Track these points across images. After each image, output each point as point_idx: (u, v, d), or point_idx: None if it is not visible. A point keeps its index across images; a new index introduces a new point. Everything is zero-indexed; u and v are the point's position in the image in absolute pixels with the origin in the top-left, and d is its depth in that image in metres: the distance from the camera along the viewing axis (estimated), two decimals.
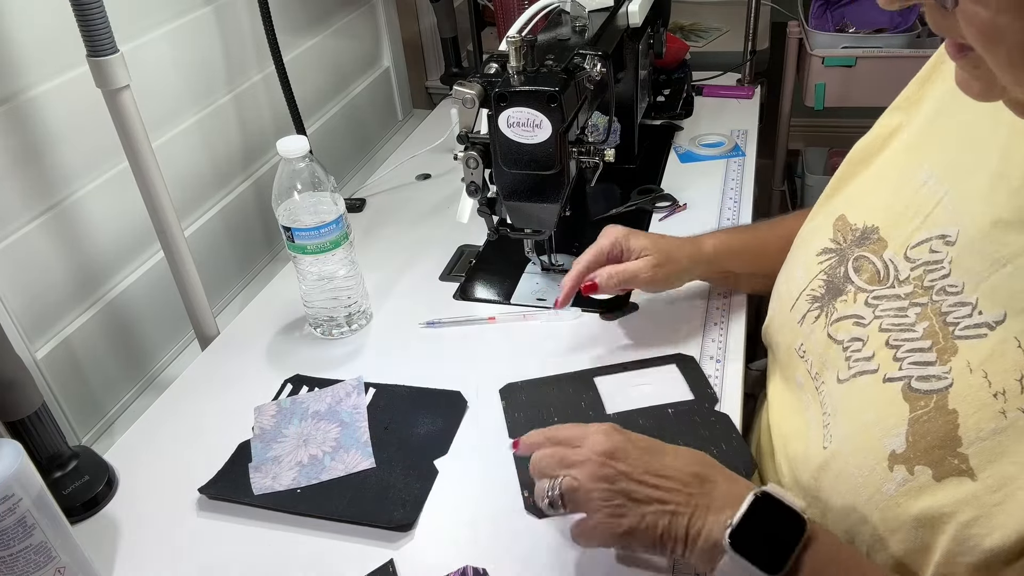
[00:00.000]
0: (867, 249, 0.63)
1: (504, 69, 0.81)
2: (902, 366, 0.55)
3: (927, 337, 0.54)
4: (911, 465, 0.51)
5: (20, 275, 0.78)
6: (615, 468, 0.55)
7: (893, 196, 0.62)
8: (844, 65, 1.41)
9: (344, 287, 0.88)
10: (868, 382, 0.57)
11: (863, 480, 0.54)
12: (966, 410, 0.49)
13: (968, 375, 0.50)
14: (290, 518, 0.69)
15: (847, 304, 0.62)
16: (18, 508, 0.56)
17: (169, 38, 0.94)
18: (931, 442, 0.50)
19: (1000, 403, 0.48)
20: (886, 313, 0.58)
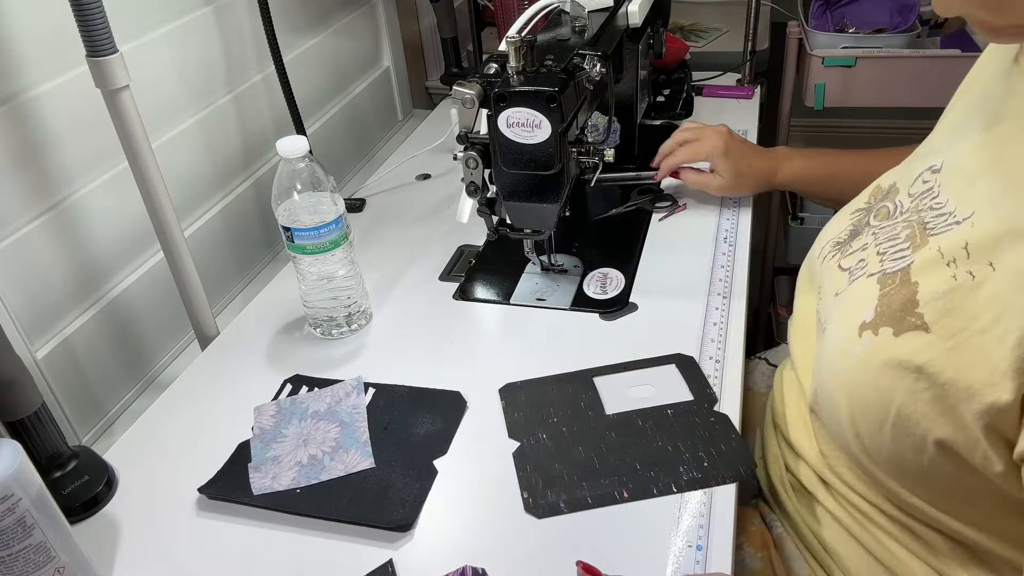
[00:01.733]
0: (887, 200, 0.71)
1: (504, 69, 0.81)
2: (883, 262, 0.63)
3: (907, 240, 0.62)
4: (876, 328, 0.59)
5: (20, 275, 0.78)
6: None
7: (913, 160, 0.72)
8: (844, 65, 1.40)
9: (344, 287, 0.88)
10: (857, 283, 0.65)
11: (839, 355, 0.62)
12: (924, 279, 0.57)
13: (927, 252, 0.58)
14: (290, 518, 0.69)
15: (860, 240, 0.70)
16: (18, 508, 0.56)
17: (169, 38, 0.94)
18: (894, 308, 0.58)
19: (952, 270, 0.55)
20: (883, 236, 0.66)
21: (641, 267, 0.97)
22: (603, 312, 0.90)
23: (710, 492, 0.67)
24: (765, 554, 0.75)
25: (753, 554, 0.75)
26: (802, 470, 0.73)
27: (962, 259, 0.55)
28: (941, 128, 0.73)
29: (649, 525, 0.65)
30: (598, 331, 0.88)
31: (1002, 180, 0.56)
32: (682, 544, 0.63)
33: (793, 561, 0.75)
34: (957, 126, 0.68)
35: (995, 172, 0.57)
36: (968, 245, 0.55)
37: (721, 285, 0.92)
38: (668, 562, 0.62)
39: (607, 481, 0.69)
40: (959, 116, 0.69)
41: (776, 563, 0.75)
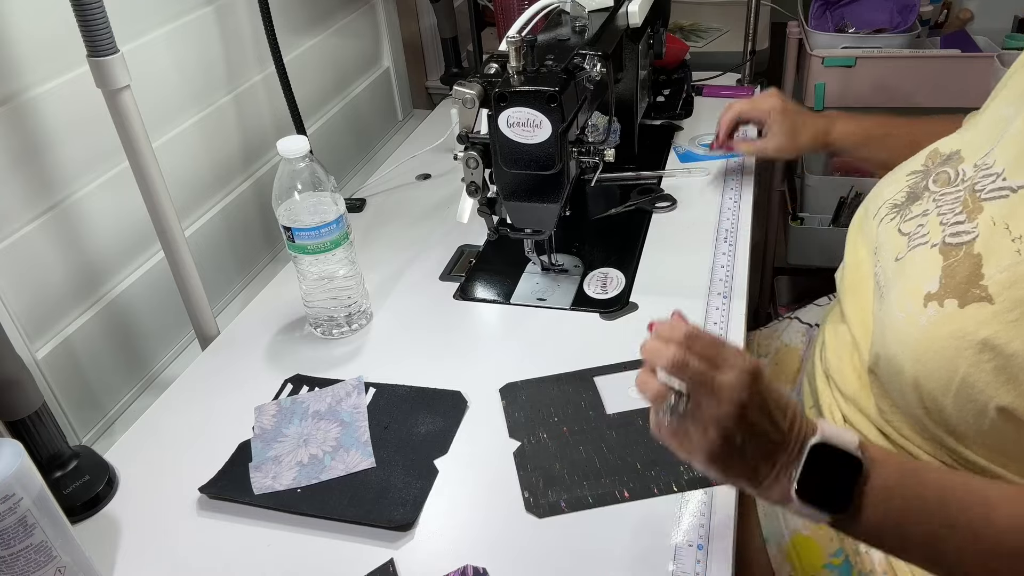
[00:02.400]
0: (948, 166, 0.71)
1: (504, 69, 0.81)
2: (944, 230, 0.64)
3: (962, 206, 0.64)
4: (941, 299, 0.60)
5: (20, 275, 0.78)
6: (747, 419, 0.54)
7: (980, 128, 0.73)
8: (844, 65, 1.41)
9: (344, 287, 0.88)
10: (919, 251, 0.66)
11: (904, 323, 0.63)
12: (988, 253, 0.59)
13: (992, 227, 0.60)
14: (290, 518, 0.69)
15: (920, 205, 0.70)
16: (19, 508, 0.56)
17: (169, 38, 0.94)
18: (959, 280, 0.59)
19: (1017, 245, 0.57)
20: (945, 204, 0.67)
21: (641, 267, 0.97)
22: (603, 312, 0.90)
23: (711, 491, 0.67)
24: None
25: None
26: (859, 421, 0.73)
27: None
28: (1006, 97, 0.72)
29: (650, 524, 0.65)
30: (598, 331, 0.88)
31: None
32: (683, 543, 0.63)
33: None
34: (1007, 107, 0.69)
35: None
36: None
37: (721, 285, 0.92)
38: (669, 562, 0.62)
39: (608, 481, 0.69)
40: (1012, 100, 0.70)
41: None
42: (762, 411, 0.55)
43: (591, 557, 0.63)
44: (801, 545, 0.75)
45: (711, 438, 0.55)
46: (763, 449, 0.55)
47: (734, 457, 0.55)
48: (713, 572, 0.61)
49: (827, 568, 0.73)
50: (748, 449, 0.55)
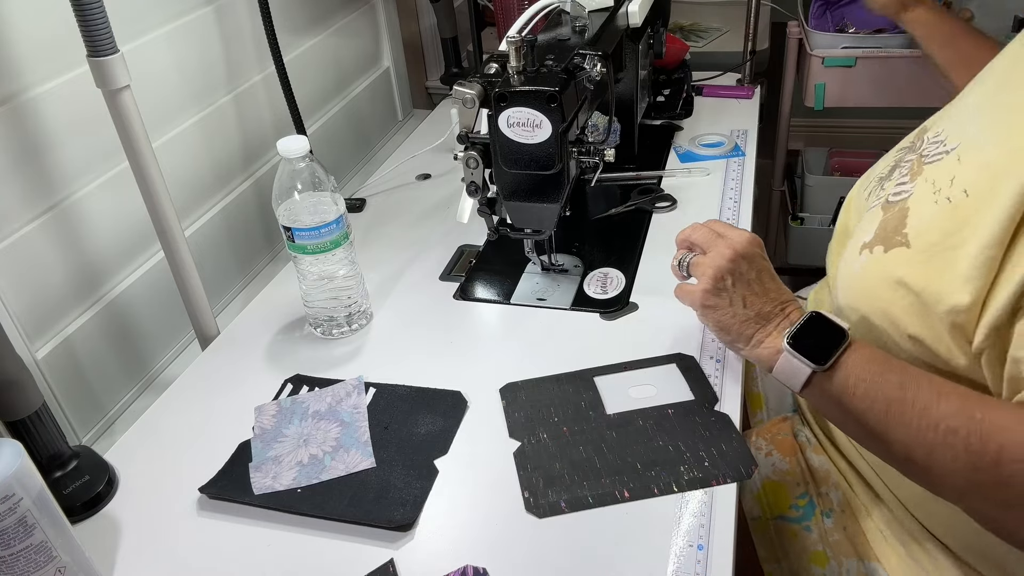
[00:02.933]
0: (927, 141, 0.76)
1: (504, 69, 0.81)
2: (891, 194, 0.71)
3: (909, 171, 0.71)
4: (871, 247, 0.68)
5: (20, 275, 0.78)
6: (740, 266, 0.71)
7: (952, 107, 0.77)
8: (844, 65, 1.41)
9: (344, 287, 0.88)
10: (871, 211, 0.72)
11: (844, 273, 0.72)
12: (914, 206, 0.66)
13: (923, 184, 0.67)
14: (290, 518, 0.69)
15: (894, 175, 0.75)
16: (19, 508, 0.56)
17: (169, 38, 0.94)
18: (888, 231, 0.67)
19: (936, 197, 0.64)
20: (904, 171, 0.72)
21: (641, 267, 0.97)
22: (603, 312, 0.90)
23: (711, 491, 0.67)
24: (793, 458, 0.83)
25: (781, 458, 0.83)
26: None
27: (946, 188, 0.63)
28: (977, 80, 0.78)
29: (650, 525, 0.65)
30: (598, 331, 0.88)
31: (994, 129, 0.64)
32: (683, 543, 0.63)
33: (815, 460, 0.83)
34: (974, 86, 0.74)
35: (985, 115, 0.66)
36: (955, 178, 0.63)
37: None
38: (669, 561, 0.62)
39: (608, 481, 0.69)
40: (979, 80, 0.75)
41: (802, 463, 0.83)
42: (751, 265, 0.72)
43: (591, 557, 0.63)
44: (770, 489, 0.82)
45: (706, 278, 0.71)
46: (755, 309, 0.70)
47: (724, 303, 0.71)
48: (713, 572, 0.61)
49: (793, 508, 0.80)
50: (737, 296, 0.71)
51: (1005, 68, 0.70)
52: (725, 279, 0.71)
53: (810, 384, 0.66)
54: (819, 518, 0.79)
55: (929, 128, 0.77)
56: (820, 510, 0.80)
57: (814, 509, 0.80)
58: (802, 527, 0.80)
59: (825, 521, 0.79)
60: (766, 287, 0.71)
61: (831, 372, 0.64)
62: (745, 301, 0.70)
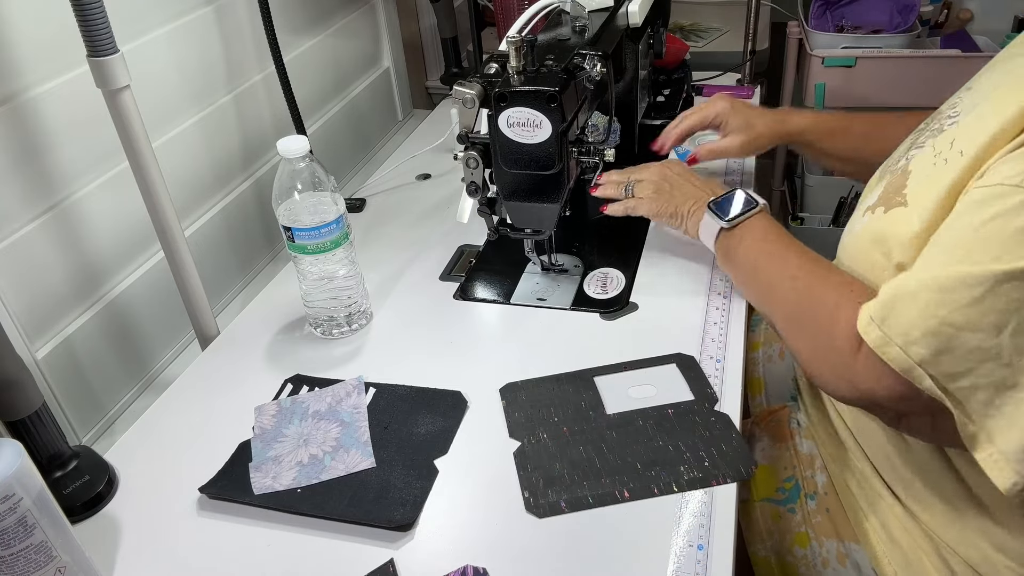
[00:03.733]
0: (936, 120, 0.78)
1: (504, 69, 0.81)
2: (898, 163, 0.74)
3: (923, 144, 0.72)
4: (874, 208, 0.72)
5: (20, 275, 0.78)
6: (669, 171, 0.93)
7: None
8: (844, 65, 1.41)
9: (344, 287, 0.88)
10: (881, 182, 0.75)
11: (847, 235, 0.76)
12: (916, 168, 0.69)
13: (926, 150, 0.70)
14: (290, 518, 0.69)
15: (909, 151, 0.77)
16: (19, 508, 0.56)
17: (169, 38, 0.94)
18: (890, 192, 0.70)
19: (934, 159, 0.67)
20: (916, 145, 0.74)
21: (641, 267, 0.97)
22: (603, 312, 0.90)
23: (711, 491, 0.67)
24: (783, 444, 0.86)
25: (771, 444, 0.87)
26: None
27: (945, 150, 0.66)
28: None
29: (650, 524, 0.65)
30: (598, 331, 0.88)
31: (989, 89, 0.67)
32: (683, 543, 0.63)
33: (804, 445, 0.86)
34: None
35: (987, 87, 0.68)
36: (954, 141, 0.65)
37: (721, 285, 0.92)
38: (669, 561, 0.62)
39: (608, 481, 0.69)
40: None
41: (791, 448, 0.86)
42: (680, 170, 0.94)
43: (591, 557, 0.63)
44: (759, 473, 0.85)
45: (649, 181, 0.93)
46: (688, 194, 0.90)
47: (665, 193, 0.91)
48: (713, 572, 0.61)
49: (779, 491, 0.83)
50: (676, 188, 0.91)
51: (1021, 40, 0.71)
52: (663, 184, 0.92)
53: (718, 238, 0.83)
54: (803, 500, 0.81)
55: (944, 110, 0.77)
56: (805, 492, 0.82)
57: (799, 492, 0.82)
58: (786, 509, 0.82)
59: (809, 503, 0.81)
60: (696, 183, 0.91)
61: (729, 232, 0.82)
62: (683, 192, 0.90)
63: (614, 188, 0.95)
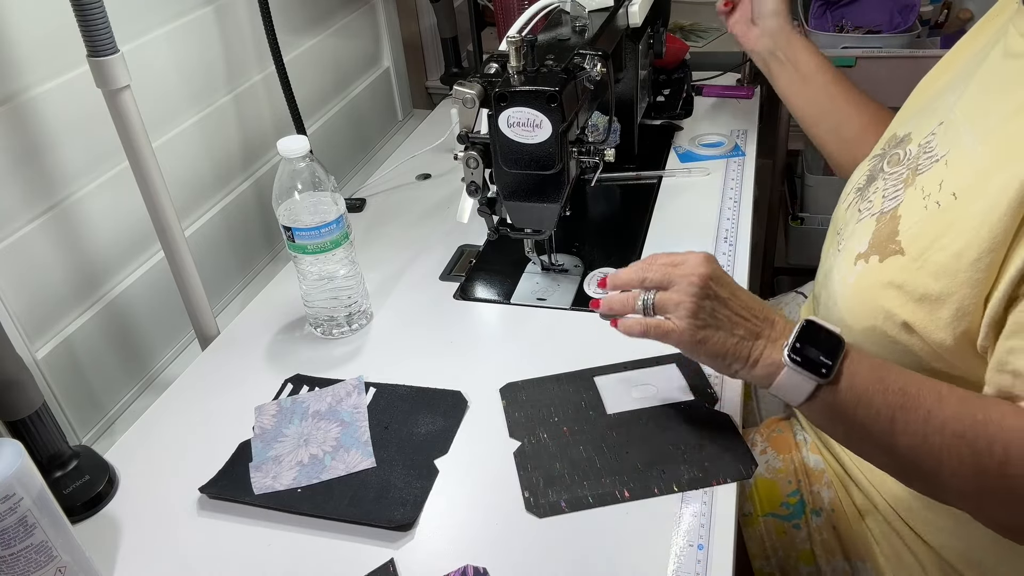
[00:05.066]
0: (900, 147, 0.77)
1: (504, 69, 0.81)
2: (884, 202, 0.71)
3: (903, 182, 0.71)
4: (867, 257, 0.68)
5: (20, 275, 0.78)
6: (712, 290, 0.65)
7: (928, 106, 0.78)
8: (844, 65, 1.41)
9: (344, 287, 0.88)
10: (862, 222, 0.73)
11: (839, 285, 0.72)
12: (905, 212, 0.67)
13: (914, 191, 0.68)
14: (290, 518, 0.69)
15: (875, 185, 0.76)
16: (19, 507, 0.56)
17: (169, 38, 0.94)
18: (882, 240, 0.68)
19: (926, 202, 0.65)
20: (890, 180, 0.73)
21: None
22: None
23: (711, 491, 0.67)
24: (787, 455, 0.84)
25: (776, 455, 0.84)
26: None
27: (935, 192, 0.64)
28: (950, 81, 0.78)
29: (650, 524, 0.65)
30: (598, 331, 0.87)
31: (982, 129, 0.64)
32: (683, 543, 0.63)
33: (811, 459, 0.83)
34: (958, 81, 0.75)
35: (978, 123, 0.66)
36: (943, 182, 0.64)
37: None
38: (669, 561, 0.62)
39: (608, 480, 0.69)
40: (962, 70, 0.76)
41: (796, 461, 0.83)
42: (722, 285, 0.66)
43: (591, 557, 0.63)
44: (763, 486, 0.82)
45: (684, 313, 0.64)
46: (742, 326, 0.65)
47: (712, 332, 0.65)
48: (713, 572, 0.61)
49: (783, 506, 0.81)
50: (723, 320, 0.65)
51: (989, 71, 0.70)
52: (704, 307, 0.65)
53: (814, 397, 0.62)
54: (808, 516, 0.80)
55: (906, 137, 0.77)
56: (810, 508, 0.80)
57: (804, 507, 0.80)
58: (791, 525, 0.80)
59: (814, 520, 0.80)
60: (745, 303, 0.66)
61: (834, 384, 0.61)
62: (732, 323, 0.65)
63: (620, 304, 0.70)
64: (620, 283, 0.70)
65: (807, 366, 0.61)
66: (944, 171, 0.65)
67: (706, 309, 0.65)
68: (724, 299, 0.66)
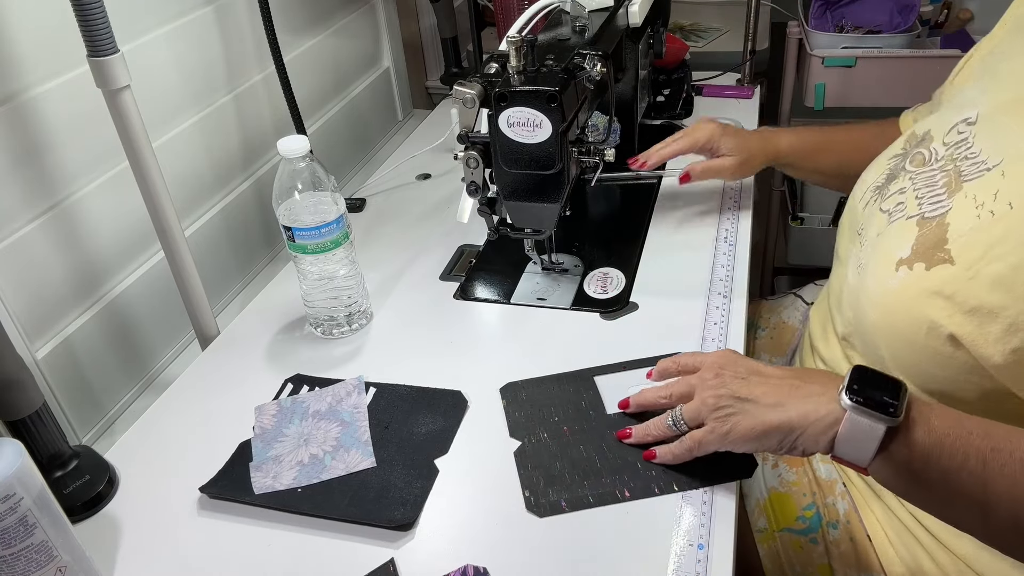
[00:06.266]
0: (922, 147, 0.75)
1: (504, 69, 0.81)
2: (921, 205, 0.68)
3: (944, 187, 0.67)
4: (911, 263, 0.64)
5: (20, 275, 0.78)
6: (726, 373, 0.64)
7: (947, 108, 0.77)
8: (844, 65, 1.41)
9: (344, 287, 0.88)
10: (896, 224, 0.70)
11: (876, 289, 0.67)
12: (955, 220, 0.64)
13: (964, 199, 0.64)
14: (291, 517, 0.69)
15: (897, 183, 0.74)
16: (19, 507, 0.56)
17: (169, 38, 0.94)
18: (928, 246, 0.64)
19: (978, 211, 0.62)
20: (921, 181, 0.71)
21: (642, 267, 0.97)
22: (604, 312, 0.90)
23: (711, 491, 0.67)
24: (800, 468, 0.82)
25: (789, 469, 0.82)
26: None
27: (989, 202, 0.61)
28: (969, 77, 0.78)
29: (651, 524, 0.65)
30: (599, 331, 0.88)
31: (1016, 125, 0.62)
32: (684, 543, 0.63)
33: (822, 470, 0.81)
34: (987, 76, 0.74)
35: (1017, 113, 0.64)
36: (998, 193, 0.61)
37: (721, 285, 0.92)
38: (670, 561, 0.62)
39: (608, 480, 0.69)
40: (989, 67, 0.74)
41: (809, 473, 0.81)
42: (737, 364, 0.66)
43: (591, 557, 0.63)
44: (776, 501, 0.81)
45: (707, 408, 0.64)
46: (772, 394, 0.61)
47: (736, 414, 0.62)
48: (713, 572, 0.61)
49: (799, 520, 0.79)
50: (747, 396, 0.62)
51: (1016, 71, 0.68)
52: (722, 396, 0.63)
53: (886, 449, 0.55)
54: (825, 530, 0.77)
55: (926, 135, 0.76)
56: (826, 521, 0.78)
57: (820, 520, 0.78)
58: (808, 539, 0.78)
59: (831, 532, 0.77)
60: (766, 373, 0.63)
61: (908, 430, 0.54)
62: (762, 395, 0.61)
63: (659, 429, 0.69)
64: (645, 404, 0.72)
65: (871, 406, 0.55)
66: (1000, 181, 0.62)
67: (726, 395, 0.62)
68: (740, 376, 0.63)
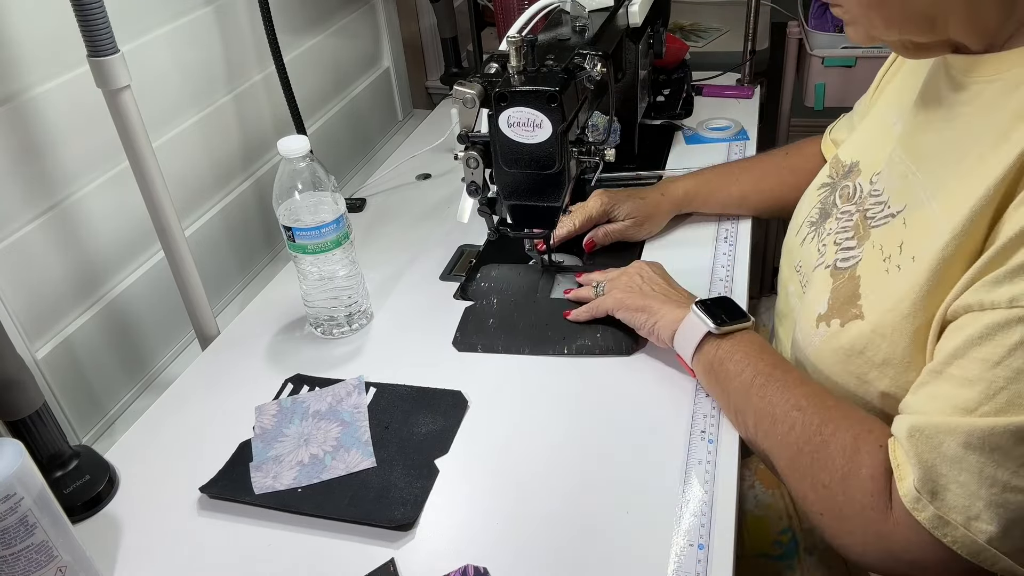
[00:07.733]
0: (849, 179, 0.78)
1: (504, 69, 0.81)
2: (837, 252, 0.71)
3: (853, 231, 0.71)
4: (828, 320, 0.68)
5: (20, 275, 0.78)
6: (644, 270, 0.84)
7: (871, 135, 0.79)
8: (844, 65, 1.41)
9: (344, 287, 0.88)
10: (818, 272, 0.74)
11: (802, 343, 0.71)
12: (864, 274, 0.66)
13: (871, 250, 0.66)
14: (291, 517, 0.69)
15: (830, 223, 0.76)
16: (19, 507, 0.56)
17: (169, 38, 0.94)
18: (842, 301, 0.67)
19: (886, 264, 0.63)
20: (841, 224, 0.74)
21: None
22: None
23: (711, 492, 0.67)
24: (775, 491, 0.83)
25: (764, 490, 0.84)
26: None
27: (895, 255, 0.63)
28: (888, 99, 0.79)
29: (650, 524, 0.65)
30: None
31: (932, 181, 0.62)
32: (683, 543, 0.63)
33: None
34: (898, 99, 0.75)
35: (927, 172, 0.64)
36: (903, 244, 0.62)
37: (721, 285, 0.92)
38: (670, 561, 0.62)
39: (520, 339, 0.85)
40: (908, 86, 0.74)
41: (785, 496, 0.83)
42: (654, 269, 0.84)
43: (591, 557, 0.63)
44: (752, 524, 0.82)
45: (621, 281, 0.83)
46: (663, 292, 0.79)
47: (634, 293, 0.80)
48: (713, 572, 0.61)
49: (775, 545, 0.80)
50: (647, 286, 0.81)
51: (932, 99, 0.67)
52: (639, 274, 0.83)
53: (701, 347, 0.72)
54: (803, 556, 0.77)
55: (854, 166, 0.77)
56: (803, 547, 0.77)
57: (797, 546, 0.78)
58: (785, 565, 0.78)
59: (808, 558, 0.77)
60: (673, 286, 0.82)
61: (721, 339, 0.71)
62: (658, 286, 0.81)
63: (586, 292, 0.87)
64: (587, 279, 0.90)
65: (706, 312, 0.72)
66: (903, 231, 0.63)
67: (637, 279, 0.83)
68: (655, 277, 0.82)
